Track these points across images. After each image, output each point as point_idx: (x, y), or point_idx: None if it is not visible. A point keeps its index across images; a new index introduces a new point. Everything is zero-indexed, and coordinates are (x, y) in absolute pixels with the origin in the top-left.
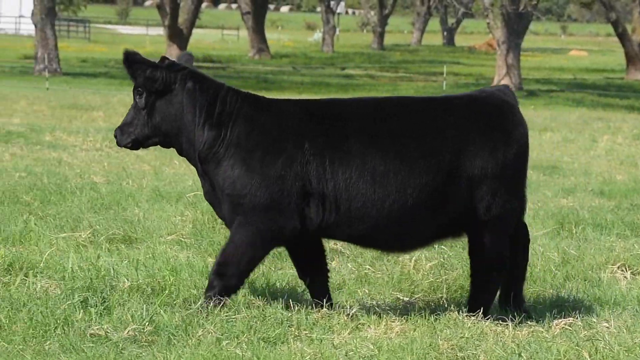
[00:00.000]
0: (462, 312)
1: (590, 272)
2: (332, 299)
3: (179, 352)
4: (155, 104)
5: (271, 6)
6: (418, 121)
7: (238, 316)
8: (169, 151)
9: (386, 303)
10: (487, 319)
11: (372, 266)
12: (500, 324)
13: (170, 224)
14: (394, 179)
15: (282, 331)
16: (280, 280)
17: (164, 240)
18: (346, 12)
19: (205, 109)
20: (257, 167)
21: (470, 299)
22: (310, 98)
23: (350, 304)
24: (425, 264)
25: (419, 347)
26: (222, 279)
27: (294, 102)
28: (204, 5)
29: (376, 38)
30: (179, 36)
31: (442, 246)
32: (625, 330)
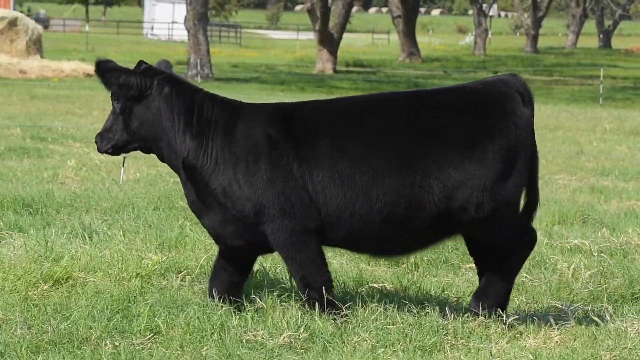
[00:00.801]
0: (625, 322)
1: None
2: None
3: None
4: (133, 109)
5: (422, 9)
6: (393, 119)
7: (393, 324)
8: None
9: (544, 312)
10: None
11: (529, 274)
12: None
13: None
14: (363, 180)
15: (438, 339)
16: (435, 288)
17: None
18: (498, 15)
19: (184, 114)
20: (247, 180)
21: (481, 294)
22: (283, 102)
23: (508, 312)
24: (585, 272)
25: (579, 358)
26: (310, 289)
27: (266, 106)
28: (354, 10)
29: (529, 41)
30: (329, 41)
31: (602, 254)
32: None
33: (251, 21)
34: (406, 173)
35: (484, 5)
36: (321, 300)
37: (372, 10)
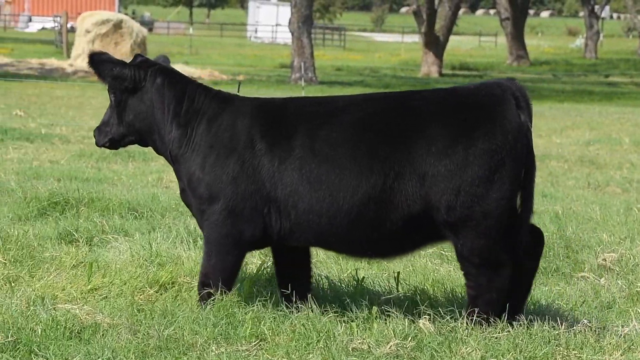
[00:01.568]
0: None
1: None
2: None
3: None
4: (128, 101)
5: (531, 11)
6: (370, 119)
7: (502, 334)
8: None
9: None
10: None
11: None
12: None
13: None
14: (331, 181)
15: (549, 350)
16: (546, 297)
17: (424, 254)
18: (610, 17)
19: (173, 105)
20: (212, 170)
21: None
22: (271, 97)
23: (622, 323)
24: None
25: None
26: (205, 288)
27: (251, 100)
28: (461, 12)
29: None
30: (435, 43)
31: None
32: None
33: (356, 23)
34: (376, 173)
35: (596, 7)
36: (204, 303)
37: (480, 12)
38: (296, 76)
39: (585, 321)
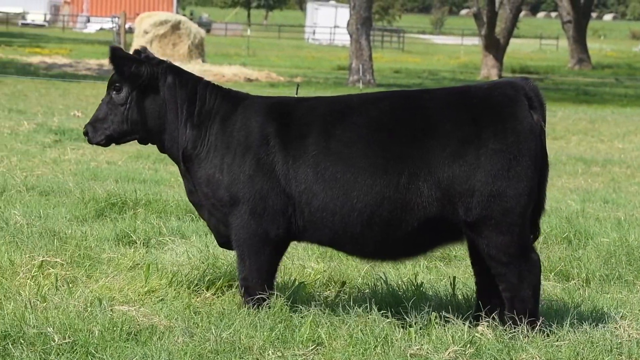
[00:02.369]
0: None
1: None
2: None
3: None
4: (137, 99)
5: (593, 14)
6: (383, 118)
7: (564, 342)
8: None
9: None
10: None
11: None
12: None
13: None
14: (345, 180)
15: (611, 359)
16: (608, 305)
17: None
18: None
19: (186, 105)
20: (230, 170)
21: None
22: (284, 95)
23: None
24: None
25: None
26: (247, 291)
27: (264, 99)
28: (522, 14)
29: None
30: (495, 46)
31: None
32: None
33: (415, 26)
34: (390, 173)
35: None
36: (252, 307)
37: (541, 14)
38: (354, 78)
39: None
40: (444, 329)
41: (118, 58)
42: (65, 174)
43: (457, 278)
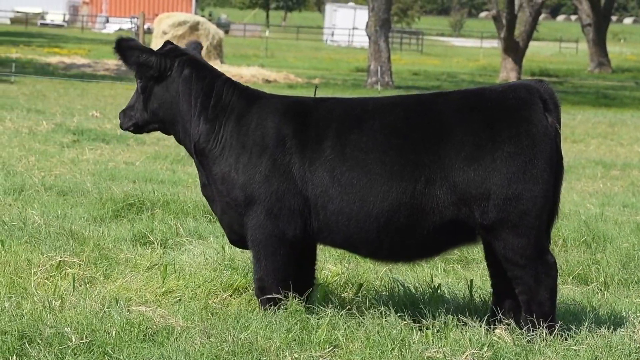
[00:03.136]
0: None
1: None
2: None
3: None
4: (153, 89)
5: (613, 17)
6: (399, 121)
7: (582, 346)
8: None
9: None
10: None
11: None
12: None
13: None
14: (361, 184)
15: None
16: (627, 309)
17: None
18: None
19: (201, 98)
20: (245, 170)
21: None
22: (301, 95)
23: None
24: None
25: None
26: (264, 292)
27: (281, 98)
28: (541, 17)
29: None
30: (514, 49)
31: None
32: None
33: (434, 28)
34: (407, 180)
35: None
36: (269, 309)
37: (560, 17)
38: (372, 80)
39: None
40: (461, 331)
41: (122, 48)
42: (83, 174)
43: (474, 281)
